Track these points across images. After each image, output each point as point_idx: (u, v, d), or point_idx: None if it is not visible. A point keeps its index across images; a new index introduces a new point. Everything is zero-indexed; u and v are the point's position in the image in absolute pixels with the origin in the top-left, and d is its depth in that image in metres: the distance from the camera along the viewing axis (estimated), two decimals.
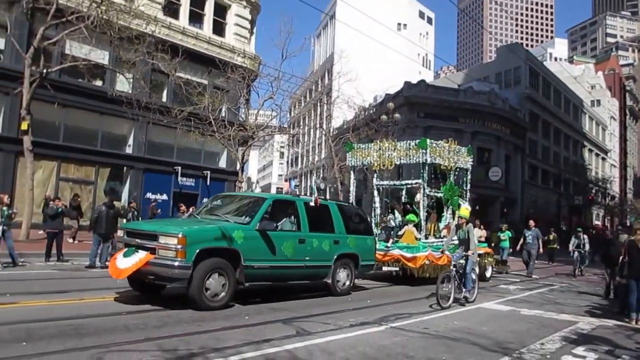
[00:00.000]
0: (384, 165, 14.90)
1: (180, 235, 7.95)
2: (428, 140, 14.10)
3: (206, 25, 27.64)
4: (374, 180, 16.33)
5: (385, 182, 16.43)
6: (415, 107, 46.12)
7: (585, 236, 20.49)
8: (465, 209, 10.89)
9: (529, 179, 57.56)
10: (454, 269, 10.21)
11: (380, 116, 31.74)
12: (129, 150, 24.58)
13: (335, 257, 10.61)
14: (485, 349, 6.83)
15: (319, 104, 53.86)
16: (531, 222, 19.54)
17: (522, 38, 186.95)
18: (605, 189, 72.07)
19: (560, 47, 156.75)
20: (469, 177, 15.92)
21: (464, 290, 10.50)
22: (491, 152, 49.56)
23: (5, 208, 12.41)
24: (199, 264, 8.03)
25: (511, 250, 21.01)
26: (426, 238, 14.50)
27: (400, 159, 14.58)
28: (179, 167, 25.61)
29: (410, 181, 16.43)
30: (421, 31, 77.68)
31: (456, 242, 11.77)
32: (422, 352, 6.47)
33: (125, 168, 24.49)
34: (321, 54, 76.62)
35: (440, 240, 14.49)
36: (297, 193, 54.62)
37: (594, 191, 67.58)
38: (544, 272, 21.04)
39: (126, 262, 8.12)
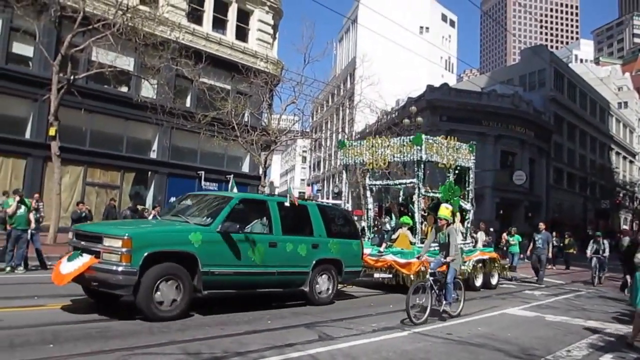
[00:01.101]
0: (376, 164, 13.79)
1: (125, 237, 7.22)
2: (423, 136, 13.06)
3: (229, 31, 27.90)
4: (367, 179, 15.41)
5: (378, 182, 15.50)
6: (438, 110, 45.86)
7: (606, 241, 18.73)
8: (445, 209, 9.57)
9: (554, 183, 56.69)
10: (432, 278, 8.91)
11: (403, 120, 31.60)
12: (153, 155, 24.91)
13: (313, 262, 9.64)
14: (509, 355, 6.75)
15: (341, 108, 53.91)
16: (541, 225, 18.16)
17: (546, 40, 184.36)
18: (634, 193, 70.61)
19: (586, 48, 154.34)
20: (471, 176, 14.82)
21: (444, 302, 9.04)
22: (515, 155, 48.99)
23: (34, 209, 12.70)
24: (147, 269, 7.26)
25: (522, 256, 19.84)
26: (422, 242, 13.29)
27: (394, 157, 13.49)
28: (202, 172, 25.84)
29: (404, 180, 15.71)
30: (444, 34, 77.22)
31: (436, 246, 11.17)
32: (446, 358, 6.42)
33: (149, 173, 24.81)
34: (343, 58, 76.66)
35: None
36: (319, 197, 54.69)
37: (621, 195, 66.28)
38: (560, 278, 20.63)
39: (69, 267, 7.38)
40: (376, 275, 12.50)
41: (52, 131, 15.95)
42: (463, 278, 12.83)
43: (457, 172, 14.30)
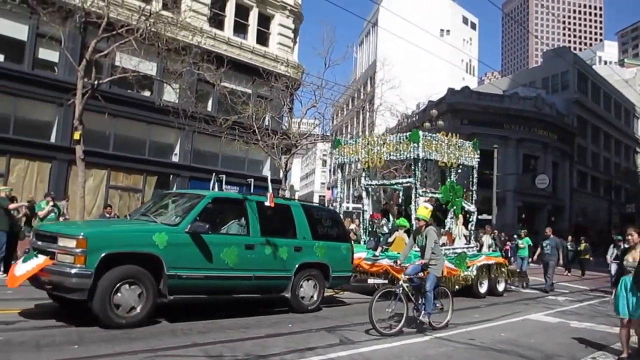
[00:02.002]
0: (372, 162, 13.17)
1: (79, 237, 6.75)
2: (421, 133, 12.30)
3: (250, 36, 28.06)
4: (363, 179, 14.81)
5: (374, 182, 15.06)
6: (459, 113, 45.51)
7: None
8: (424, 208, 8.75)
9: (578, 186, 55.81)
10: (405, 284, 8.01)
11: (423, 123, 31.44)
12: (175, 158, 25.13)
13: (296, 267, 9.04)
14: None
15: (361, 112, 53.80)
16: (548, 230, 17.19)
17: (569, 42, 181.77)
18: None
19: (610, 49, 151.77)
20: (475, 175, 14.15)
21: (422, 312, 8.18)
22: (538, 159, 48.38)
23: (55, 209, 12.97)
24: (105, 272, 6.76)
25: (531, 260, 18.75)
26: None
27: (390, 155, 12.78)
28: (224, 175, 25.84)
29: (401, 180, 15.13)
30: (465, 37, 76.69)
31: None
32: None
33: (171, 176, 25.04)
34: (363, 62, 76.60)
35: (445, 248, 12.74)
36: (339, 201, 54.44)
37: None
38: (583, 284, 20.25)
39: (23, 268, 6.94)
40: (370, 281, 11.71)
41: (76, 135, 16.17)
42: (466, 284, 12.53)
43: (459, 171, 13.89)
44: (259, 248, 8.53)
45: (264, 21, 28.75)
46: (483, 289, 13.31)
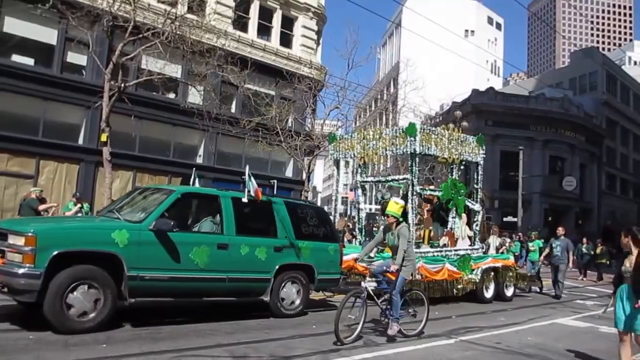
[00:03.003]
0: (368, 158, 12.41)
1: (28, 235, 6.26)
2: (418, 126, 11.60)
3: (274, 38, 28.18)
4: (358, 176, 14.00)
5: (370, 179, 14.21)
6: (484, 114, 45.05)
7: None
8: (394, 204, 7.76)
9: (607, 189, 54.71)
10: (368, 286, 7.29)
11: (447, 124, 31.15)
12: (199, 160, 25.35)
13: (276, 268, 8.39)
14: None
15: (384, 113, 53.59)
16: (560, 230, 15.57)
17: (597, 42, 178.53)
18: None
19: None
20: (480, 172, 13.35)
21: (390, 318, 7.40)
22: (565, 160, 47.60)
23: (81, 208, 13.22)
24: (56, 272, 6.26)
25: (540, 263, 17.43)
26: (418, 247, 11.90)
27: (386, 150, 11.98)
28: (247, 173, 26.16)
29: (397, 177, 14.44)
30: (490, 37, 75.87)
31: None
32: None
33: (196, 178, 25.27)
34: (387, 63, 76.33)
35: (439, 250, 12.06)
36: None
37: None
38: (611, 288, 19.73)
39: None
40: (364, 284, 11.38)
41: (103, 137, 16.41)
42: (471, 289, 11.83)
43: (462, 167, 13.23)
44: (233, 248, 7.90)
45: (288, 23, 28.86)
46: (489, 293, 12.45)
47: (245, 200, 8.22)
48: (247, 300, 8.63)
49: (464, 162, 12.93)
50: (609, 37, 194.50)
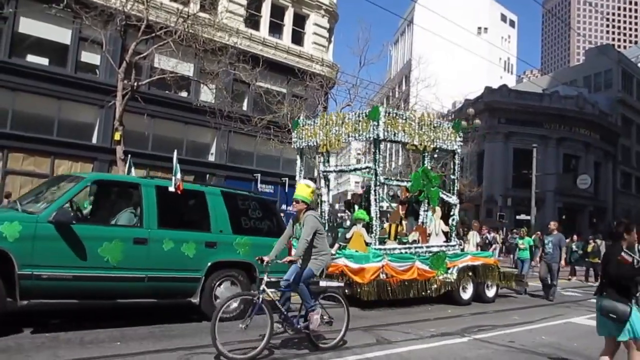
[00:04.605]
0: (330, 145, 11.32)
1: None
2: (382, 109, 10.49)
3: (285, 35, 28.20)
4: (321, 165, 12.83)
5: (332, 168, 12.94)
6: (497, 112, 44.79)
7: None
8: (304, 187, 6.58)
9: (622, 187, 54.13)
10: (270, 289, 6.13)
11: (461, 122, 30.99)
12: (211, 158, 25.45)
13: (208, 266, 7.45)
14: None
15: (396, 110, 53.41)
16: (552, 225, 14.02)
17: (613, 39, 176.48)
18: None
19: None
20: (457, 161, 12.25)
21: (307, 309, 6.28)
22: (579, 158, 47.18)
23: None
24: None
25: (533, 263, 16.06)
26: (383, 243, 11.01)
27: (349, 136, 10.96)
28: (259, 175, 26.18)
29: (359, 165, 13.16)
30: (503, 35, 75.34)
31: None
32: None
33: (207, 175, 25.35)
34: (399, 60, 76.09)
35: (407, 246, 11.00)
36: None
37: None
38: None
39: None
40: (322, 283, 10.68)
41: (117, 136, 16.52)
42: (446, 290, 10.81)
43: (435, 155, 12.24)
44: (154, 243, 7.00)
45: (299, 21, 28.86)
46: (467, 294, 11.34)
47: (172, 189, 7.35)
48: (170, 303, 7.57)
49: (437, 150, 11.88)
50: (624, 34, 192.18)
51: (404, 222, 12.42)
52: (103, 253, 6.58)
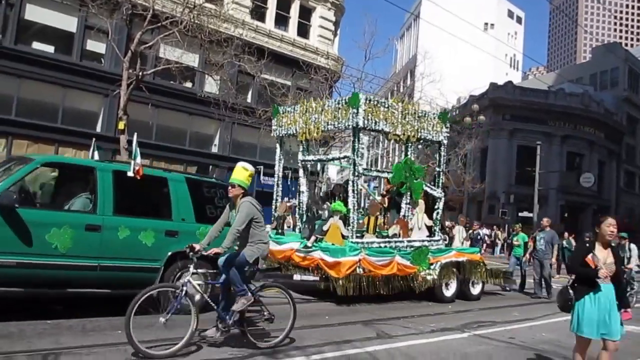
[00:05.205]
0: (310, 133, 10.83)
1: None
2: (362, 96, 9.96)
3: (291, 28, 28.15)
4: (299, 154, 12.37)
5: (310, 157, 12.58)
6: (501, 109, 44.65)
7: (634, 247, 13.00)
8: (242, 170, 6.18)
9: (625, 186, 54.00)
10: (195, 280, 5.72)
11: (464, 118, 30.93)
12: (214, 149, 25.48)
13: (168, 255, 7.06)
14: None
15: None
16: (545, 221, 13.61)
17: (620, 37, 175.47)
18: None
19: None
20: (443, 153, 11.68)
21: (227, 321, 5.71)
22: (583, 157, 47.05)
23: None
24: None
25: (524, 258, 15.04)
26: (361, 236, 10.48)
27: (328, 124, 10.40)
28: (262, 167, 26.21)
29: (338, 155, 12.30)
30: (509, 31, 74.99)
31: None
32: None
33: (210, 167, 25.39)
34: (404, 55, 75.83)
35: (387, 240, 10.49)
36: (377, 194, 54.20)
37: None
38: None
39: None
40: (296, 277, 9.49)
41: (121, 125, 16.53)
42: (426, 286, 10.33)
43: (419, 146, 11.87)
44: (108, 230, 6.63)
45: (305, 13, 28.79)
46: (450, 291, 10.84)
47: (131, 174, 6.92)
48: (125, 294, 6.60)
49: (422, 141, 11.39)
50: (632, 32, 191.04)
51: (386, 215, 11.99)
52: (51, 239, 6.23)
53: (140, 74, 16.65)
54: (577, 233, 27.65)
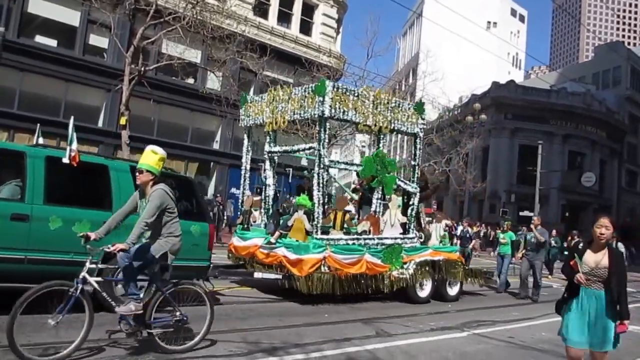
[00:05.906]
0: (276, 123, 10.23)
1: None
2: (329, 84, 9.19)
3: (294, 25, 28.13)
4: (267, 146, 11.80)
5: (277, 149, 11.87)
6: (503, 108, 44.58)
7: (622, 246, 12.72)
8: (152, 154, 5.44)
9: (627, 186, 53.95)
10: (91, 277, 5.13)
11: (466, 117, 30.90)
12: (216, 146, 25.49)
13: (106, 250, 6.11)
14: None
15: None
16: (536, 220, 12.85)
17: (623, 36, 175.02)
18: None
19: None
20: (419, 146, 10.96)
21: (130, 322, 5.10)
22: (584, 156, 46.99)
23: None
24: None
25: (513, 259, 14.52)
26: (327, 232, 9.80)
27: (294, 113, 9.80)
28: (262, 164, 26.24)
29: (304, 146, 12.26)
30: (512, 29, 74.86)
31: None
32: None
33: (212, 163, 25.41)
34: (406, 53, 75.71)
35: (355, 237, 9.79)
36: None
37: None
38: (632, 286, 19.40)
39: None
40: (257, 274, 9.05)
41: (122, 120, 16.56)
42: (399, 287, 9.77)
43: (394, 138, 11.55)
44: (37, 221, 6.11)
45: (308, 11, 28.77)
46: (424, 292, 10.22)
47: (66, 161, 6.28)
48: None
49: (395, 132, 10.73)
50: (635, 31, 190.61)
51: (360, 211, 11.54)
52: None
53: (143, 69, 16.66)
54: (580, 233, 27.59)
